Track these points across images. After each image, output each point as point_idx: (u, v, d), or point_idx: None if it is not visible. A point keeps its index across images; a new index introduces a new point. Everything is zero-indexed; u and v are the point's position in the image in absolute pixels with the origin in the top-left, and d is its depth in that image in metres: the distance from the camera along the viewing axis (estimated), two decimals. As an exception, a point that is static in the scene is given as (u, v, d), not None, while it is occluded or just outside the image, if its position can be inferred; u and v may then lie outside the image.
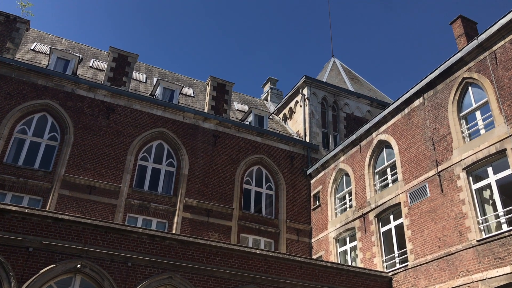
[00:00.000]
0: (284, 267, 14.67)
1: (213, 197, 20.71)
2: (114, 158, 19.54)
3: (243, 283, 13.83)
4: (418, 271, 14.94)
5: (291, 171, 23.33)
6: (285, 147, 23.82)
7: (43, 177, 17.98)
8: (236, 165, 22.04)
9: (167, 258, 13.21)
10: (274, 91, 32.40)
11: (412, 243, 15.57)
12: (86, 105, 20.07)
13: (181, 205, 19.81)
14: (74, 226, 12.53)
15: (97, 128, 19.80)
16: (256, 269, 14.25)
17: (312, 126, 25.19)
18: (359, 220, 18.67)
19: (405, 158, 17.09)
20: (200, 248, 13.79)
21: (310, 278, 14.83)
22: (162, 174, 20.47)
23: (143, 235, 13.24)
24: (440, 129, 15.74)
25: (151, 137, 20.83)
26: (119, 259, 12.63)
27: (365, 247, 17.89)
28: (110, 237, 12.83)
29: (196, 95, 26.25)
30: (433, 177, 15.46)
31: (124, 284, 12.42)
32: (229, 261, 14.02)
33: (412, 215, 15.92)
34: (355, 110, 27.28)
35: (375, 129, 19.19)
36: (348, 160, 20.62)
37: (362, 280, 15.61)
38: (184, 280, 13.08)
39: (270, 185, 22.72)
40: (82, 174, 18.61)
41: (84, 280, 12.20)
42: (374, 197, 18.19)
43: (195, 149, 21.39)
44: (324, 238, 20.71)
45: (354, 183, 19.78)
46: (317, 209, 22.07)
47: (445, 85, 16.00)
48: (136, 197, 19.25)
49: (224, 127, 22.63)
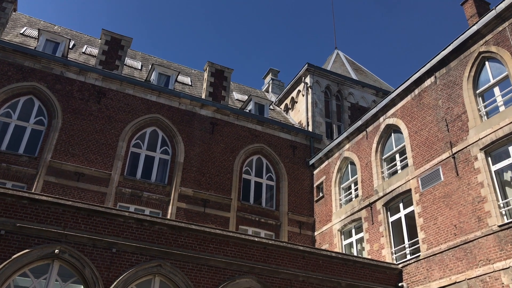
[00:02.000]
0: (285, 256, 13.44)
1: (210, 187, 19.51)
2: (105, 144, 18.38)
3: (240, 273, 12.60)
4: (432, 262, 13.68)
5: (293, 161, 22.12)
6: (286, 137, 22.62)
7: (27, 163, 16.82)
8: (234, 154, 20.85)
9: (156, 245, 12.01)
10: (275, 82, 31.24)
11: (425, 231, 14.32)
12: (75, 89, 18.94)
13: (176, 194, 18.60)
14: (53, 208, 11.35)
15: (87, 112, 18.66)
16: (254, 258, 13.02)
17: (315, 115, 23.99)
18: (365, 210, 17.42)
19: (415, 141, 15.87)
20: (193, 235, 12.59)
21: (313, 269, 13.59)
22: (156, 162, 19.28)
23: (130, 219, 12.04)
24: (454, 109, 14.53)
25: (145, 123, 19.67)
26: (102, 244, 11.43)
27: (372, 238, 16.63)
28: (93, 221, 11.64)
29: (194, 84, 25.12)
30: (447, 159, 14.23)
31: (108, 272, 11.22)
32: (225, 249, 12.81)
33: (424, 202, 14.68)
34: (360, 99, 26.07)
35: (382, 113, 17.99)
36: (354, 147, 19.40)
37: (369, 272, 14.36)
38: (174, 268, 11.87)
39: (270, 175, 21.50)
40: (70, 160, 17.45)
41: (62, 267, 11.00)
42: (382, 185, 16.95)
43: (191, 137, 20.21)
44: (328, 231, 19.46)
45: (360, 172, 18.54)
46: (320, 200, 20.83)
47: (459, 61, 14.80)
48: (128, 185, 18.07)
49: (222, 114, 21.45)
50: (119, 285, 11.13)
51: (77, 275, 10.98)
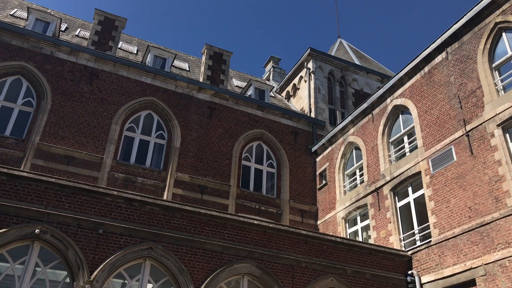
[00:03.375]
0: (286, 241, 12.50)
1: (208, 173, 18.57)
2: (97, 127, 17.45)
3: (238, 258, 11.66)
4: (444, 247, 12.72)
5: (294, 148, 21.17)
6: (288, 123, 21.67)
7: (14, 145, 15.92)
8: (234, 140, 19.90)
9: (147, 226, 11.07)
10: (276, 70, 30.28)
11: (436, 215, 13.36)
12: (66, 70, 18.02)
13: (172, 180, 17.67)
14: (34, 185, 10.42)
15: (78, 94, 17.74)
16: (253, 242, 12.08)
17: (318, 101, 23.03)
18: (371, 196, 16.47)
19: (425, 121, 14.91)
20: (187, 217, 11.65)
21: (316, 255, 12.64)
22: (151, 146, 18.34)
23: (118, 199, 11.11)
24: (467, 84, 13.57)
25: (139, 107, 18.74)
26: (88, 225, 10.50)
27: (379, 225, 15.68)
28: (78, 200, 10.71)
29: (192, 70, 24.18)
30: (460, 138, 13.27)
31: (94, 255, 10.29)
32: (222, 232, 11.87)
33: (435, 184, 13.72)
34: (365, 86, 25.12)
35: (389, 94, 17.03)
36: (359, 131, 18.44)
37: (377, 259, 13.41)
38: (167, 252, 10.93)
39: (271, 162, 20.56)
40: (60, 143, 16.53)
41: (44, 249, 10.07)
42: (389, 169, 16.00)
43: (188, 121, 19.27)
44: (332, 219, 18.51)
45: (365, 156, 17.59)
46: (324, 188, 19.88)
47: (473, 34, 13.84)
48: (121, 170, 17.14)
49: (221, 98, 20.51)
50: (105, 269, 10.20)
51: (60, 257, 10.05)
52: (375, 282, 12.94)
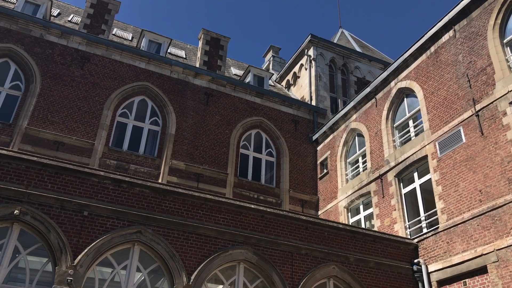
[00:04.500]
0: (285, 226, 11.77)
1: (204, 161, 17.85)
2: (88, 112, 16.73)
3: (233, 243, 10.94)
4: (453, 234, 11.98)
5: (294, 136, 20.44)
6: (288, 110, 20.93)
7: (1, 130, 15.22)
8: (231, 127, 19.17)
9: (136, 209, 10.35)
10: (276, 60, 29.54)
11: (444, 200, 12.62)
12: (57, 53, 17.30)
13: (166, 167, 16.95)
14: (14, 164, 9.71)
15: (69, 78, 17.02)
16: (250, 227, 11.36)
17: (319, 89, 22.29)
18: (375, 183, 15.74)
19: (432, 103, 14.17)
20: (180, 200, 10.93)
21: (317, 241, 11.91)
22: (145, 133, 17.62)
23: (105, 180, 10.39)
24: (477, 62, 12.83)
25: (133, 92, 18.01)
26: (72, 206, 9.78)
27: (383, 213, 14.95)
28: (61, 180, 9.99)
29: (189, 58, 23.47)
30: (469, 118, 12.53)
31: (78, 238, 9.56)
32: (217, 216, 11.14)
33: (443, 168, 12.98)
34: (367, 74, 24.37)
35: (393, 77, 16.29)
36: (362, 117, 17.70)
37: (381, 246, 12.68)
38: (157, 236, 10.21)
39: (270, 151, 19.82)
40: (49, 128, 15.82)
41: (24, 231, 9.36)
42: (393, 154, 15.26)
43: (183, 108, 18.54)
44: (333, 208, 17.77)
45: (369, 142, 16.85)
46: (325, 177, 19.15)
47: (483, 9, 13.10)
48: (113, 157, 16.42)
49: (218, 84, 19.77)
50: (90, 253, 9.48)
51: (41, 240, 9.34)
52: (379, 271, 12.21)
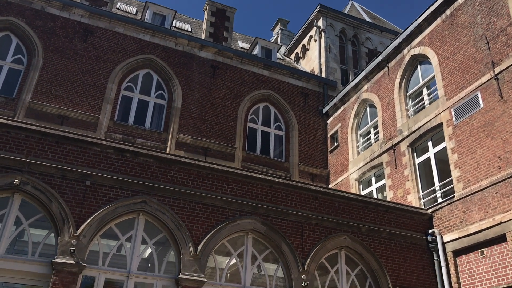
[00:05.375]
0: (294, 197, 11.40)
1: (212, 135, 17.47)
2: (92, 85, 16.38)
3: (241, 213, 10.61)
4: (470, 202, 11.51)
5: (304, 109, 19.92)
6: (297, 83, 20.37)
7: (4, 104, 14.95)
8: (238, 101, 18.71)
9: (140, 179, 10.04)
10: (284, 33, 28.82)
11: (460, 168, 12.12)
12: (58, 26, 16.88)
13: (173, 141, 16.62)
14: (13, 133, 9.41)
15: (71, 51, 16.63)
16: (258, 197, 11.00)
17: (329, 61, 21.64)
18: (387, 154, 15.24)
19: (447, 68, 13.54)
20: (185, 169, 10.59)
21: (328, 212, 11.53)
22: (151, 107, 17.25)
23: (108, 149, 10.07)
24: (496, 23, 12.13)
25: (137, 65, 17.58)
26: (74, 176, 9.49)
27: (396, 184, 14.49)
28: (63, 149, 9.69)
29: (194, 31, 22.88)
30: (487, 82, 11.91)
31: (80, 208, 9.30)
32: (223, 186, 10.80)
33: (459, 135, 12.43)
34: (378, 45, 23.59)
35: (406, 43, 15.62)
36: (373, 87, 17.11)
37: (394, 217, 12.26)
38: (162, 206, 9.91)
39: (279, 125, 19.36)
40: (53, 102, 15.52)
41: (25, 201, 9.12)
42: (406, 123, 14.72)
43: (189, 81, 18.09)
44: (344, 181, 17.36)
45: (381, 113, 16.30)
46: (335, 150, 18.68)
47: (502, -34, 12.33)
48: (119, 131, 16.12)
49: (225, 57, 19.24)
50: (93, 223, 9.22)
51: (43, 210, 9.09)
52: (392, 241, 11.83)
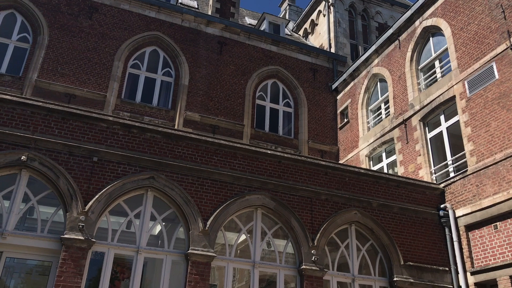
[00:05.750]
0: (304, 172, 11.25)
1: (220, 112, 17.31)
2: (99, 63, 16.23)
3: (250, 189, 10.51)
4: (483, 176, 11.27)
5: (313, 86, 19.61)
6: (306, 59, 20.01)
7: (11, 83, 14.89)
8: (246, 77, 18.45)
9: (147, 155, 9.95)
10: (293, 8, 28.28)
11: (473, 142, 11.85)
12: (63, 3, 16.65)
13: (181, 119, 16.51)
14: (19, 109, 9.33)
15: (77, 29, 16.44)
16: (267, 173, 10.88)
17: (338, 36, 21.20)
18: (398, 129, 14.98)
19: (460, 40, 13.13)
20: (193, 145, 10.47)
21: (337, 187, 11.39)
22: (158, 84, 17.09)
23: (114, 125, 9.97)
24: (513, -10, 11.66)
25: (143, 42, 17.35)
26: (81, 152, 9.43)
27: (407, 160, 14.27)
28: (69, 125, 9.61)
29: (201, 8, 22.47)
30: (503, 53, 11.52)
31: (88, 184, 9.26)
32: (232, 162, 10.68)
33: (473, 108, 12.12)
34: (389, 19, 23.03)
35: (418, 15, 15.17)
36: (384, 61, 16.73)
37: (405, 192, 12.09)
38: (170, 182, 9.83)
39: (288, 101, 19.11)
40: (59, 80, 15.43)
41: (33, 178, 9.09)
42: (418, 97, 14.40)
43: (196, 57, 17.85)
44: (354, 158, 17.16)
45: (391, 87, 15.97)
46: (345, 126, 18.43)
47: None
48: (126, 109, 16.02)
49: (232, 33, 18.92)
50: (101, 199, 9.18)
51: (50, 187, 9.06)
52: (403, 216, 11.68)
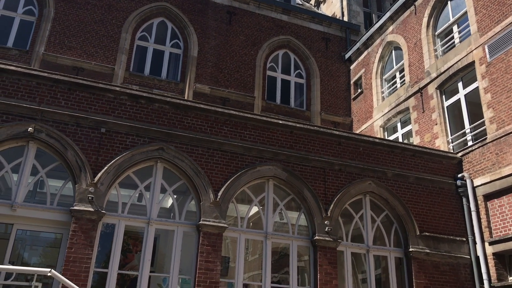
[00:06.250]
0: (316, 142, 10.96)
1: (230, 84, 16.97)
2: (106, 36, 15.92)
3: (261, 160, 10.27)
4: (503, 144, 10.86)
5: (325, 56, 19.08)
6: (317, 28, 19.42)
7: (18, 57, 14.69)
8: (257, 48, 17.99)
9: (156, 126, 9.74)
10: (303, -23, 27.35)
11: (493, 109, 11.39)
12: (68, -26, 16.27)
13: (190, 92, 16.22)
14: (24, 81, 9.15)
15: (83, 1, 16.07)
16: (279, 143, 10.61)
17: (351, 4, 20.48)
18: (414, 98, 14.52)
19: (481, 2, 12.49)
20: (202, 116, 10.22)
21: (351, 157, 11.09)
22: (166, 56, 16.75)
23: (122, 95, 9.74)
24: None
25: (151, 13, 16.94)
26: (88, 123, 9.25)
27: (423, 129, 13.86)
28: (75, 96, 9.40)
29: (209, -22, 21.86)
30: (527, 14, 10.94)
31: (97, 155, 9.11)
32: (242, 132, 10.42)
33: (493, 73, 11.60)
34: (404, -15, 22.11)
35: (436, -22, 14.49)
36: (399, 28, 16.12)
37: (421, 161, 11.74)
38: (180, 153, 9.64)
39: (300, 72, 18.65)
40: (67, 54, 15.19)
41: (41, 151, 8.96)
42: (435, 64, 13.87)
43: (205, 28, 17.42)
44: (369, 129, 16.78)
45: (407, 55, 15.42)
46: (359, 97, 17.97)
47: None
48: (135, 82, 15.76)
49: (241, 2, 18.36)
50: (110, 171, 9.04)
51: (59, 159, 8.93)
52: (419, 186, 11.38)
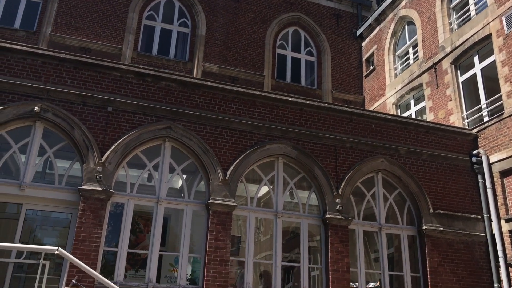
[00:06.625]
0: (327, 119, 10.72)
1: (239, 63, 16.70)
2: (113, 15, 15.72)
3: (270, 138, 10.09)
4: (521, 119, 10.51)
5: (336, 32, 18.65)
6: (328, 4, 18.94)
7: (25, 38, 14.58)
8: (266, 26, 17.64)
9: (163, 104, 9.59)
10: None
11: (511, 82, 10.99)
12: (73, -47, 16.02)
13: (199, 71, 16.01)
14: (29, 60, 9.04)
15: (88, -20, 15.87)
16: (288, 121, 10.40)
17: (362, -22, 19.89)
18: (428, 74, 14.12)
19: (499, -29, 11.97)
20: (210, 94, 10.04)
21: (363, 134, 10.84)
22: (174, 35, 16.51)
23: (128, 74, 9.58)
24: None
25: (158, -8, 16.69)
26: (94, 102, 9.14)
27: (437, 105, 13.51)
28: (81, 75, 9.28)
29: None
30: (547, -18, 10.44)
31: (104, 135, 9.01)
32: (251, 110, 10.22)
33: (511, 46, 11.16)
34: (418, -42, 21.39)
35: None
36: (412, 2, 15.60)
37: (435, 138, 11.44)
38: (188, 131, 9.50)
39: (310, 50, 18.27)
40: (74, 34, 15.05)
41: (48, 131, 8.89)
42: (449, 38, 13.41)
43: (213, 6, 17.09)
44: (381, 107, 16.43)
45: (420, 29, 14.95)
46: (371, 74, 17.58)
47: None
48: (143, 62, 15.58)
49: (249, -22, 17.98)
50: (118, 150, 8.95)
51: (66, 138, 8.86)
52: (433, 163, 11.11)
